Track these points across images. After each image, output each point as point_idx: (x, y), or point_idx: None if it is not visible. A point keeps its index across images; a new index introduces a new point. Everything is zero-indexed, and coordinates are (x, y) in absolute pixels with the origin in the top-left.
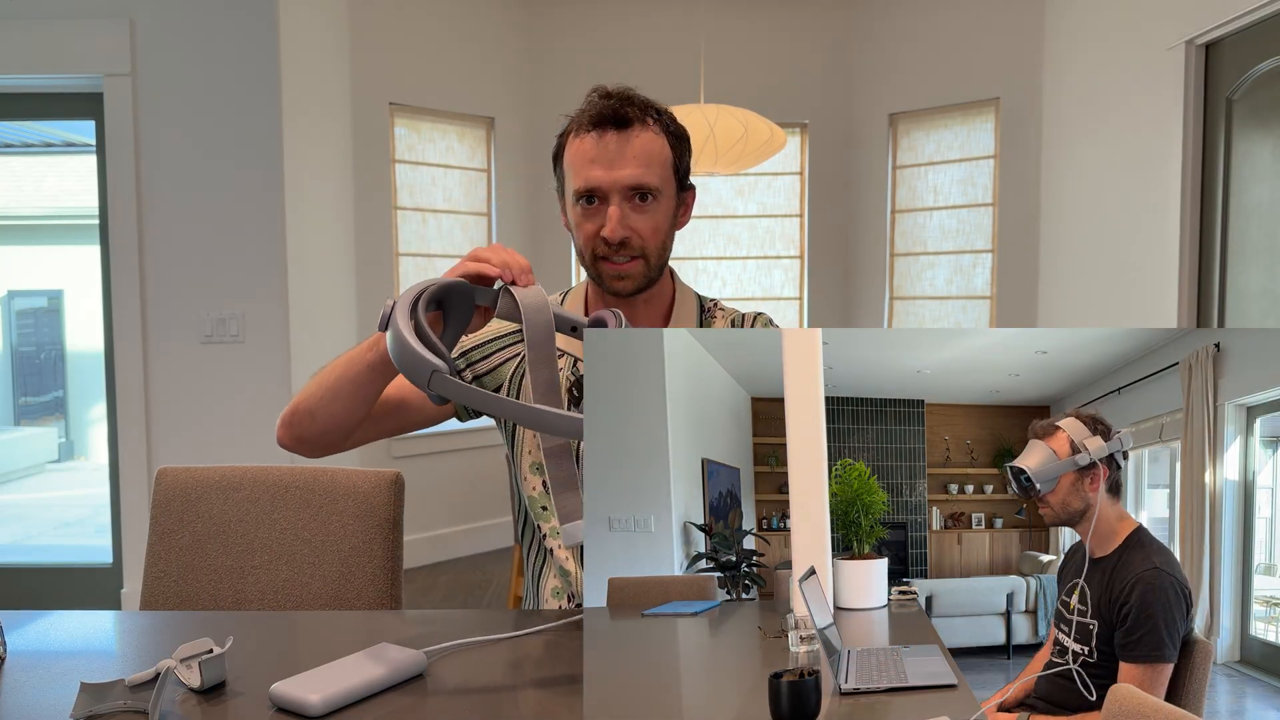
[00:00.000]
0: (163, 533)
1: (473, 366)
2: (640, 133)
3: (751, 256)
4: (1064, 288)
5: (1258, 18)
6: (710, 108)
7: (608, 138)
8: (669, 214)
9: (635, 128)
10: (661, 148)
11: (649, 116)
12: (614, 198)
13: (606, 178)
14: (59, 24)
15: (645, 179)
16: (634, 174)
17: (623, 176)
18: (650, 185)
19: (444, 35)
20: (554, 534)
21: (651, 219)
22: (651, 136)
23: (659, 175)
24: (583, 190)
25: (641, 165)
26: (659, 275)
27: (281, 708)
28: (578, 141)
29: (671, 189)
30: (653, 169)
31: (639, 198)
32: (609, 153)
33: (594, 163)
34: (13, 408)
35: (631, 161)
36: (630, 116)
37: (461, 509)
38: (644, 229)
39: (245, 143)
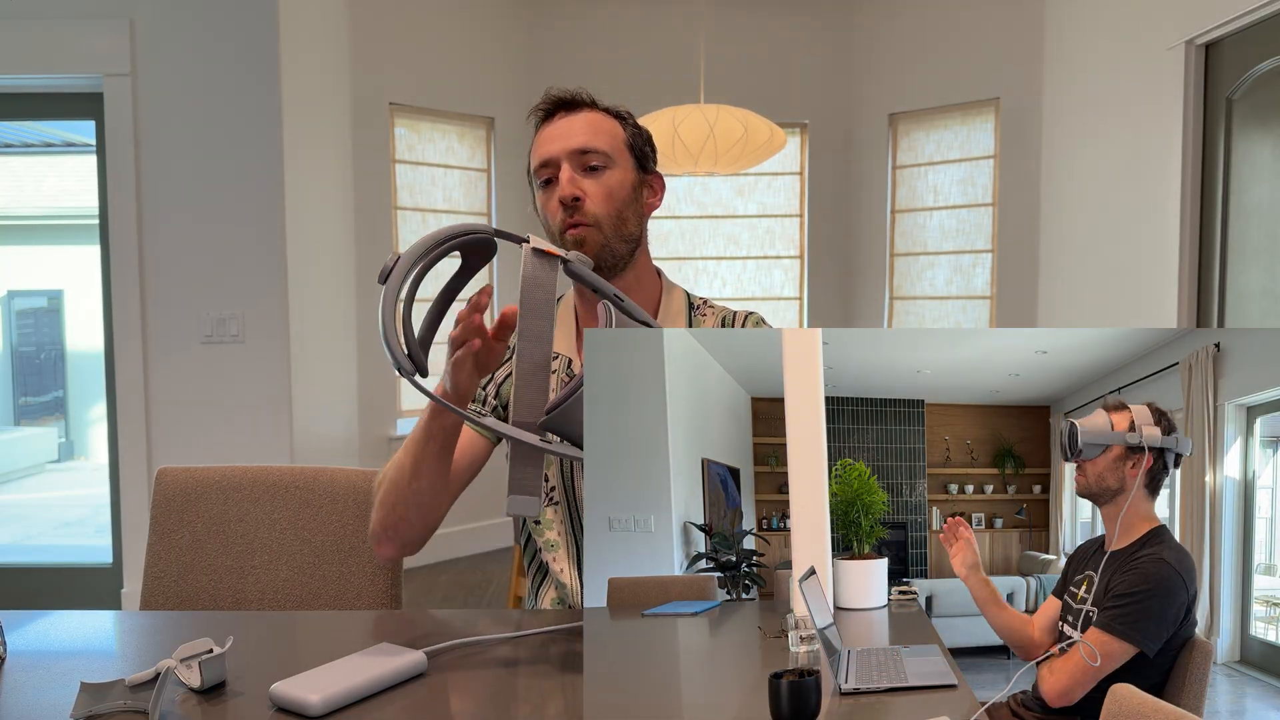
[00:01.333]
0: (163, 533)
1: (492, 380)
2: (588, 111)
3: (751, 256)
4: (1064, 288)
5: (1258, 18)
6: (710, 108)
7: (558, 118)
8: (625, 186)
9: (584, 109)
10: (611, 124)
11: (600, 106)
12: (565, 162)
13: (556, 146)
14: (59, 24)
15: (592, 143)
16: (581, 139)
17: (570, 143)
18: (598, 148)
19: (444, 35)
20: (549, 547)
21: (603, 185)
22: (600, 115)
23: (607, 143)
24: (538, 166)
25: (588, 132)
26: (625, 252)
27: (281, 708)
28: (537, 136)
29: (627, 163)
30: (600, 136)
31: (589, 163)
32: (559, 128)
33: (545, 139)
34: (13, 408)
35: (579, 131)
36: (580, 101)
37: (461, 509)
38: (595, 193)
39: (245, 143)
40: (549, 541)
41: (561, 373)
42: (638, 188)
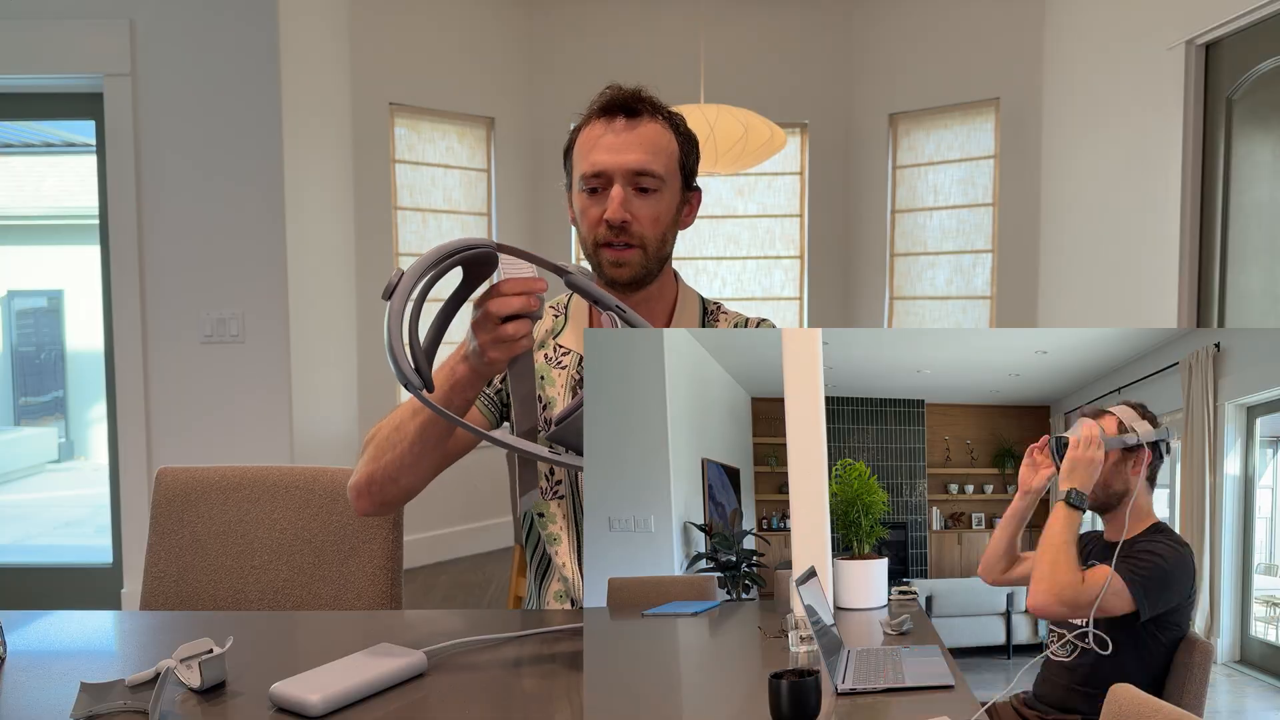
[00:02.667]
0: (163, 533)
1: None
2: (649, 123)
3: (751, 256)
4: (1064, 288)
5: (1258, 18)
6: (710, 108)
7: (616, 123)
8: (671, 207)
9: (644, 117)
10: (669, 141)
11: (659, 112)
12: (618, 180)
13: (612, 160)
14: (59, 24)
15: (650, 165)
16: (639, 159)
17: (628, 160)
18: (655, 171)
19: (444, 35)
20: (551, 540)
21: (653, 208)
22: (660, 128)
23: (664, 165)
24: (589, 174)
25: (647, 152)
26: (658, 270)
27: (281, 708)
28: (587, 130)
29: (676, 184)
30: (658, 157)
31: (642, 184)
32: (616, 137)
33: (600, 146)
34: (13, 408)
35: (637, 147)
36: (640, 108)
37: (461, 509)
38: (644, 216)
39: (245, 142)
40: (551, 535)
41: (573, 369)
42: (681, 206)
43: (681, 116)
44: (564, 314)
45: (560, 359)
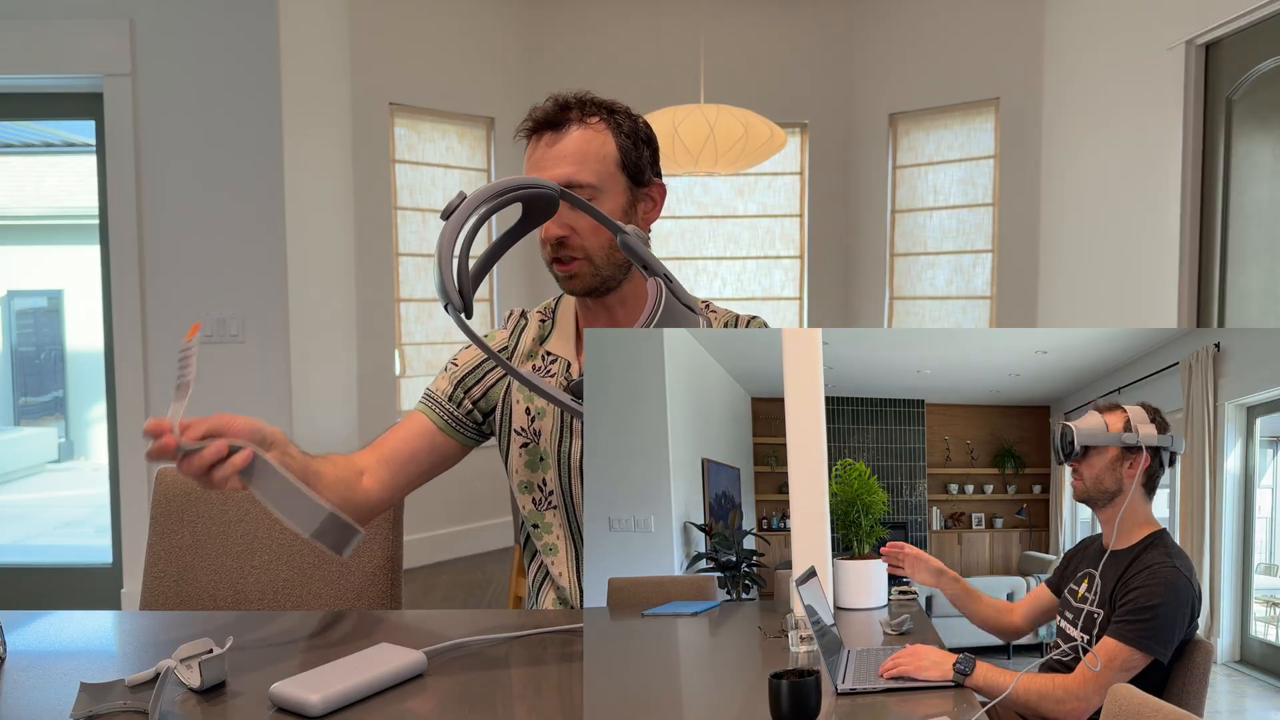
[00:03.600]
0: (163, 533)
1: (469, 393)
2: (576, 130)
3: (751, 256)
4: (1064, 288)
5: (1258, 18)
6: (710, 108)
7: (542, 140)
8: (615, 211)
9: (571, 127)
10: (601, 144)
11: (591, 116)
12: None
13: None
14: (59, 24)
15: (576, 176)
16: (564, 172)
17: (553, 176)
18: (583, 181)
19: (444, 35)
20: (548, 550)
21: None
22: (589, 134)
23: (594, 171)
24: None
25: (572, 163)
26: (618, 274)
27: (281, 708)
28: (526, 154)
29: (619, 184)
30: (587, 165)
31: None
32: (543, 155)
33: (530, 165)
34: (13, 408)
35: (562, 161)
36: (565, 119)
37: (461, 509)
38: (582, 227)
39: (245, 142)
40: (548, 545)
41: (560, 376)
42: (631, 206)
43: (626, 111)
44: (551, 319)
45: (549, 367)
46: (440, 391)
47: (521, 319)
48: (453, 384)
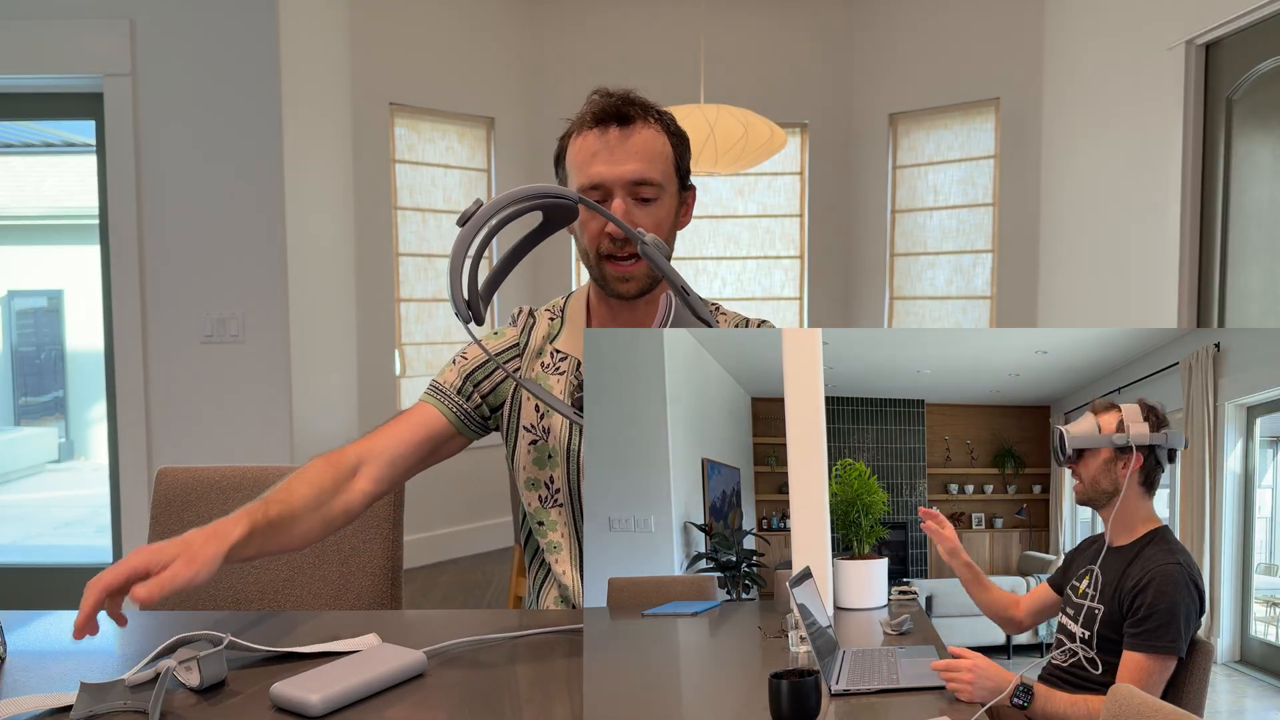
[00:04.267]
0: (163, 533)
1: (478, 388)
2: (642, 129)
3: (751, 256)
4: (1064, 288)
5: (1258, 18)
6: (710, 108)
7: (610, 133)
8: (671, 212)
9: (637, 124)
10: (663, 145)
11: (650, 115)
12: (618, 192)
13: (610, 172)
14: (59, 24)
15: (648, 174)
16: (637, 169)
17: (626, 171)
18: (653, 180)
19: (444, 35)
20: (552, 549)
21: (654, 216)
22: (653, 133)
23: (661, 171)
24: (586, 186)
25: (644, 160)
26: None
27: (281, 708)
28: (580, 139)
29: (674, 187)
30: (655, 164)
31: (642, 194)
32: (612, 148)
33: (597, 158)
34: (13, 408)
35: (634, 156)
36: (632, 114)
37: (461, 509)
38: (647, 225)
39: (245, 143)
40: (552, 543)
41: (570, 374)
42: (678, 209)
43: (671, 115)
44: (560, 317)
45: (558, 364)
46: (448, 384)
47: (530, 317)
48: (461, 377)
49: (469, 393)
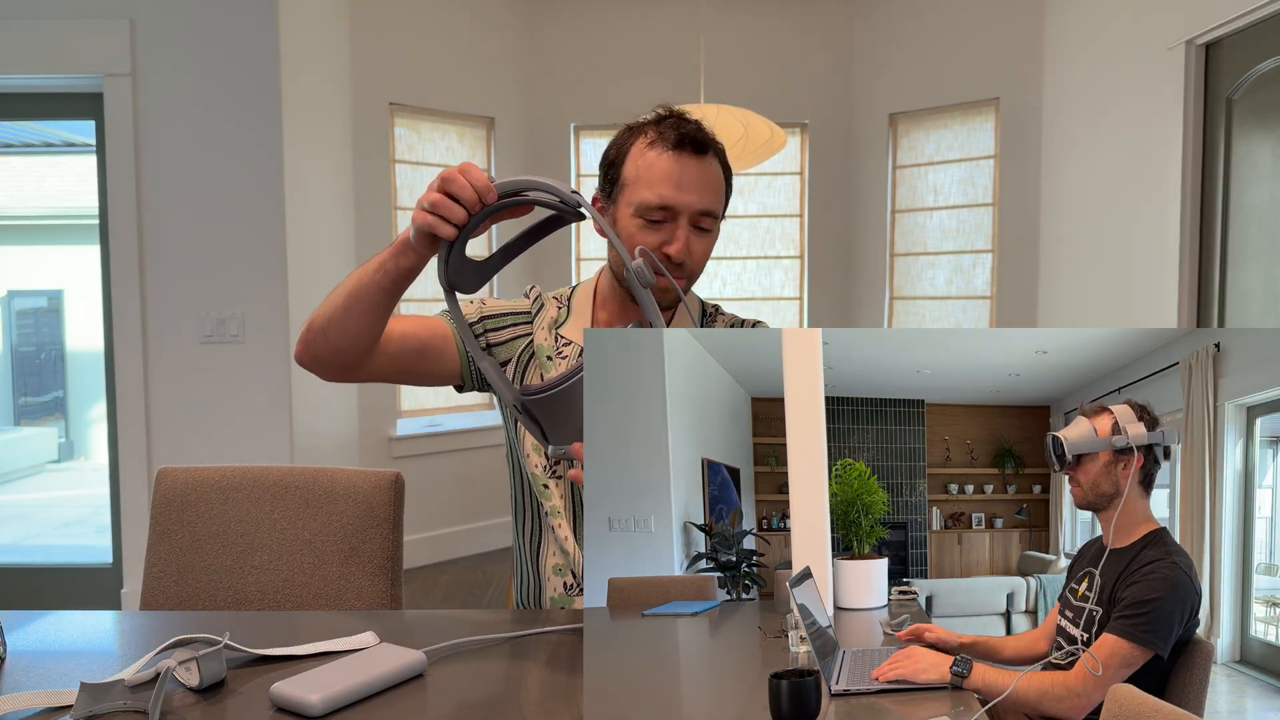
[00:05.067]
0: (162, 533)
1: (487, 334)
2: (712, 162)
3: (751, 256)
4: (1064, 288)
5: (1258, 18)
6: (710, 108)
7: (686, 160)
8: (716, 239)
9: (710, 156)
10: (721, 179)
11: (715, 148)
12: (683, 219)
13: (682, 200)
14: (59, 24)
15: (713, 207)
16: (706, 201)
17: (697, 201)
18: (715, 212)
19: (444, 35)
20: (555, 513)
21: (707, 244)
22: (718, 167)
23: (719, 204)
24: (654, 205)
25: (713, 193)
26: None
27: (281, 708)
28: (654, 154)
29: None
30: (719, 199)
31: (702, 224)
32: (689, 176)
33: (671, 181)
34: (13, 408)
35: (706, 189)
36: (708, 146)
37: (461, 509)
38: (699, 253)
39: (245, 142)
40: (554, 508)
41: (573, 359)
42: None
43: (722, 146)
44: (567, 306)
45: (562, 349)
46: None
47: (539, 300)
48: (478, 316)
49: (479, 331)
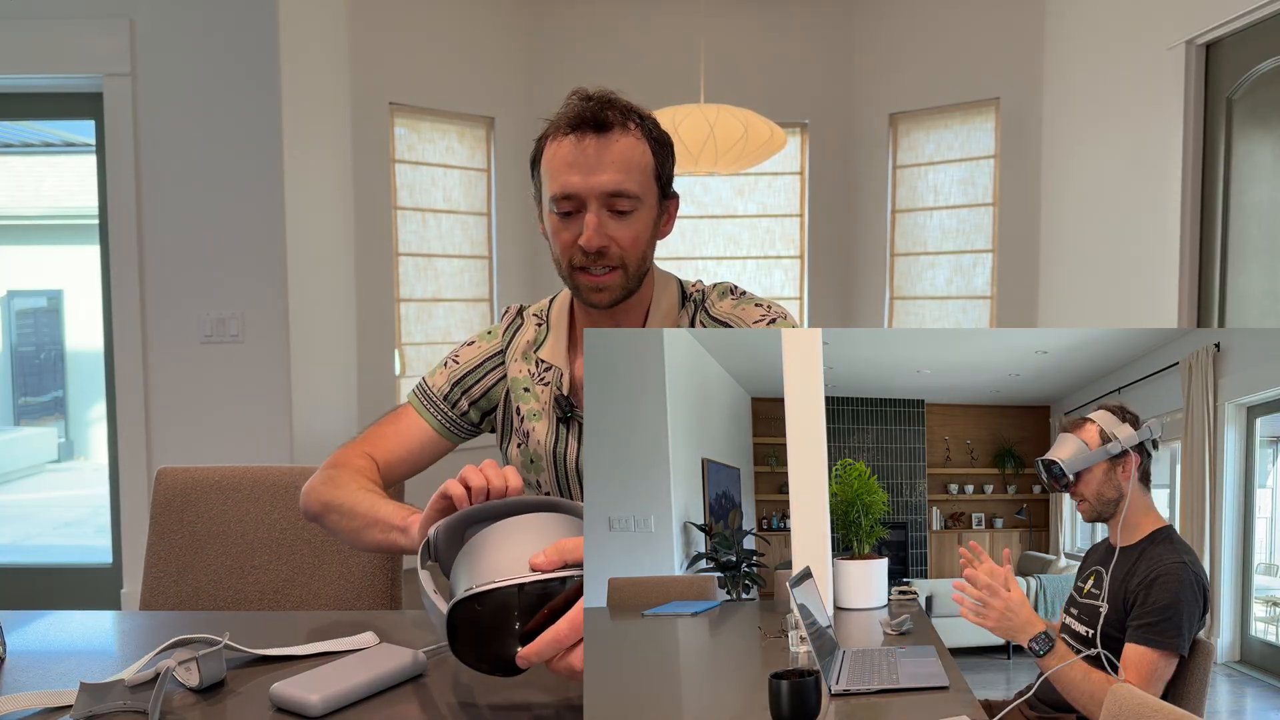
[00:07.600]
0: (162, 533)
1: (467, 393)
2: (620, 137)
3: (751, 256)
4: (1064, 288)
5: (1258, 18)
6: (710, 108)
7: (586, 141)
8: (649, 223)
9: (615, 131)
10: (643, 153)
11: (630, 120)
12: (592, 204)
13: (584, 184)
14: (59, 24)
15: (625, 185)
16: (613, 180)
17: (601, 182)
18: (630, 192)
19: (444, 35)
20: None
21: (631, 229)
22: (632, 141)
23: (639, 182)
24: (559, 195)
25: (621, 171)
26: (638, 286)
27: (281, 708)
28: (555, 145)
29: (653, 197)
30: (633, 175)
31: (618, 206)
32: (587, 157)
33: (571, 167)
34: (13, 408)
35: (610, 167)
36: (610, 120)
37: None
38: (623, 238)
39: (245, 143)
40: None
41: (554, 385)
42: (659, 218)
43: (654, 119)
44: (545, 322)
45: (542, 375)
46: (437, 390)
47: (518, 318)
48: (450, 383)
49: (456, 399)
